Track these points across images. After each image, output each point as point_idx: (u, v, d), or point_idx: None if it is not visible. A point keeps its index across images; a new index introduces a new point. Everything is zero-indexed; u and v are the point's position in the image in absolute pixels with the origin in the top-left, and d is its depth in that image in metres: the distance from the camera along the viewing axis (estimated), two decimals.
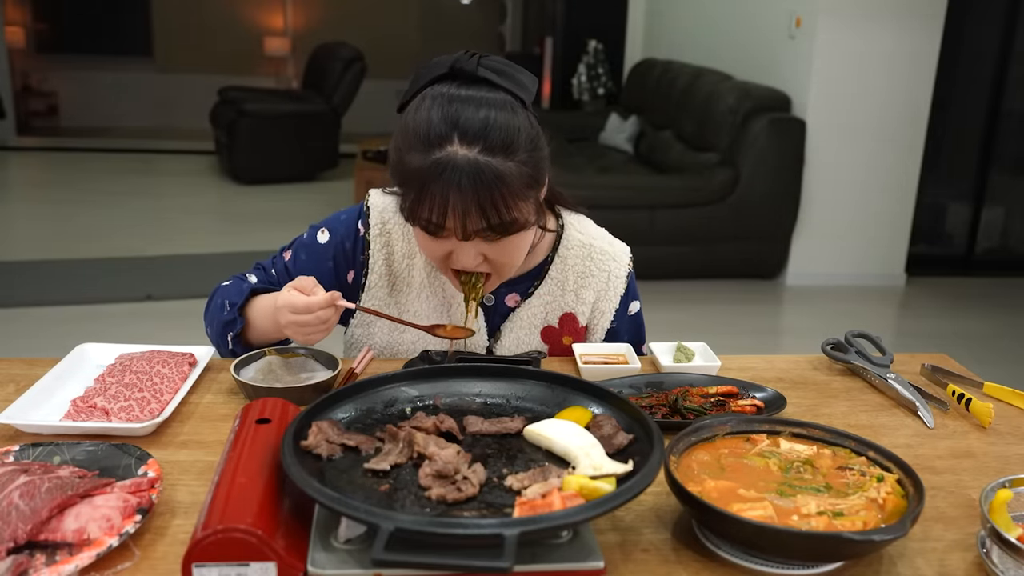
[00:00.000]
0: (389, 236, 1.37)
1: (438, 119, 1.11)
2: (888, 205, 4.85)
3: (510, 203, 1.12)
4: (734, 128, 4.73)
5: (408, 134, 1.14)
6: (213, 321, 1.35)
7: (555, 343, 1.40)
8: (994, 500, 0.88)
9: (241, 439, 0.93)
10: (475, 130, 1.10)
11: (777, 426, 1.01)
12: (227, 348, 1.33)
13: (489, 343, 1.38)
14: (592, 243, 1.40)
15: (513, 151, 1.11)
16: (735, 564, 0.85)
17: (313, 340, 1.20)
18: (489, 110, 1.11)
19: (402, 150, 1.14)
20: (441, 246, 1.19)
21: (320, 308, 1.14)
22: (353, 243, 1.37)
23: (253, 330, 1.32)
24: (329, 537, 0.81)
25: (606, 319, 1.41)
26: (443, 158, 1.09)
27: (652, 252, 4.43)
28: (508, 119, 1.12)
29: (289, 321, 1.16)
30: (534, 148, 1.15)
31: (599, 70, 7.56)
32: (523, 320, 1.38)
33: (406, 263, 1.37)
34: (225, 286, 1.37)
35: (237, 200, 6.66)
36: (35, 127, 9.01)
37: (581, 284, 1.39)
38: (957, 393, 1.26)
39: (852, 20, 4.54)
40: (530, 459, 0.93)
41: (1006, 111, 5.15)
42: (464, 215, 1.11)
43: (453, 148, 1.10)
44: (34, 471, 0.88)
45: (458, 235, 1.15)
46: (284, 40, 9.43)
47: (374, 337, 1.40)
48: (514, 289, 1.37)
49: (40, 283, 4.48)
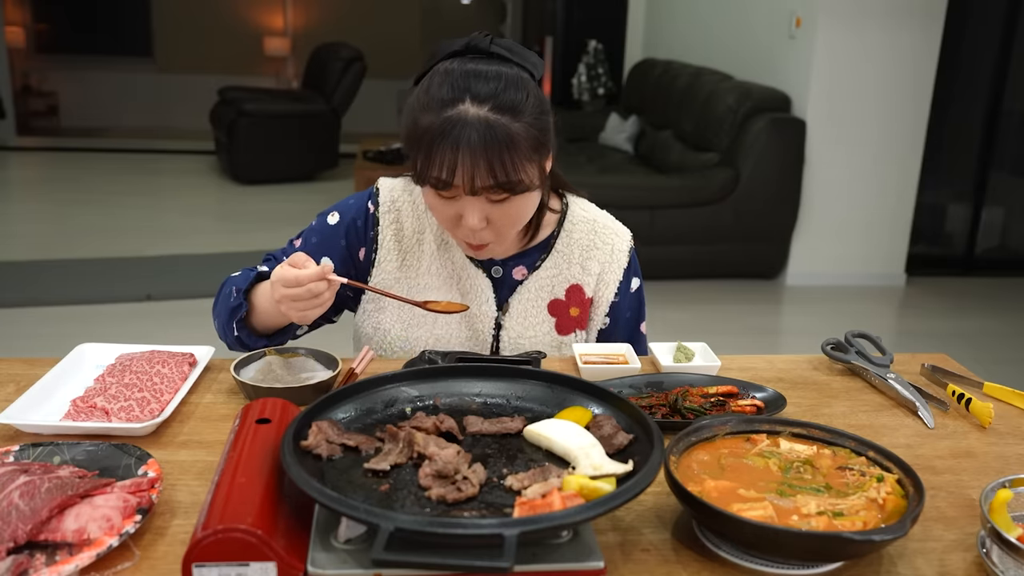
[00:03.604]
0: (398, 213, 1.41)
1: (451, 83, 1.18)
2: (888, 205, 4.85)
3: (517, 162, 1.17)
4: (734, 128, 4.73)
5: (421, 100, 1.20)
6: (221, 310, 1.36)
7: (562, 315, 1.43)
8: (994, 500, 0.88)
9: (241, 439, 0.93)
10: (486, 92, 1.17)
11: (777, 426, 1.01)
12: (233, 335, 1.34)
13: (498, 315, 1.40)
14: (596, 219, 1.46)
15: (521, 113, 1.18)
16: (735, 564, 0.85)
17: (308, 317, 1.20)
18: (500, 78, 1.19)
19: (415, 114, 1.20)
20: (449, 207, 1.23)
21: (310, 280, 1.15)
22: (364, 221, 1.41)
23: (257, 313, 1.33)
24: (329, 537, 0.81)
25: (610, 291, 1.44)
26: (454, 115, 1.16)
27: (652, 252, 4.43)
28: (517, 86, 1.19)
29: (282, 295, 1.17)
30: (541, 113, 1.22)
31: (599, 70, 7.57)
32: (530, 292, 1.41)
33: (416, 238, 1.41)
34: (234, 276, 1.38)
35: (237, 200, 6.66)
36: (35, 127, 9.02)
37: (587, 256, 1.43)
38: (957, 393, 1.26)
39: (852, 20, 4.54)
40: (530, 459, 0.93)
41: (1006, 111, 5.15)
42: (473, 168, 1.16)
43: (464, 107, 1.16)
44: (34, 471, 0.88)
45: (466, 190, 1.19)
46: (284, 40, 9.44)
47: (387, 331, 1.40)
48: (521, 262, 1.41)
49: (40, 283, 4.48)
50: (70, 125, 9.21)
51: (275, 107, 7.13)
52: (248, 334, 1.34)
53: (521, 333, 1.40)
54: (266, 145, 7.00)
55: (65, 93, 9.29)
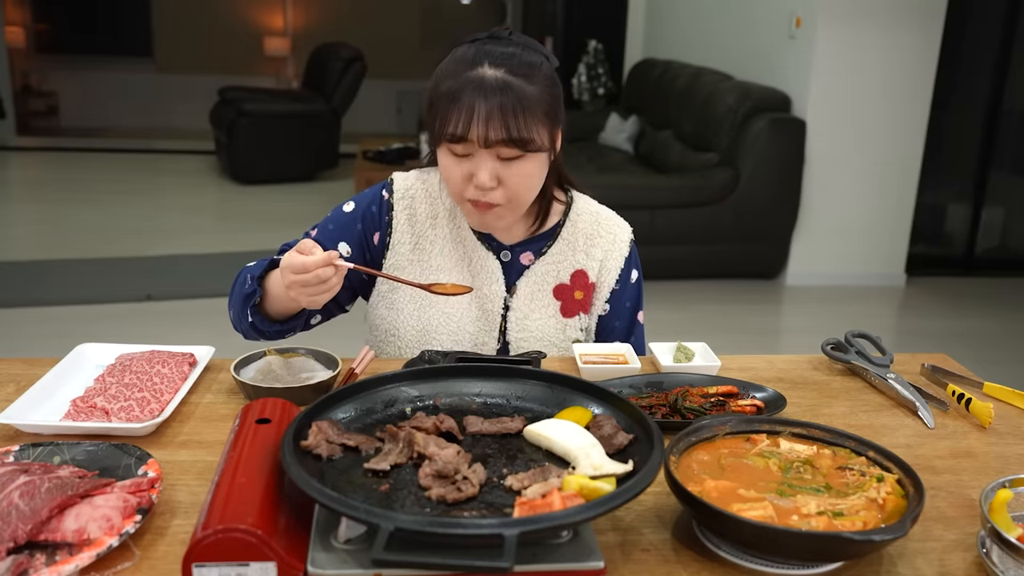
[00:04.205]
0: (412, 200, 1.46)
1: (471, 53, 1.29)
2: (888, 205, 4.85)
3: (530, 120, 1.26)
4: (734, 128, 4.73)
5: (442, 70, 1.31)
6: (236, 299, 1.39)
7: (567, 298, 1.48)
8: (994, 500, 0.88)
9: (241, 439, 0.93)
10: (503, 56, 1.28)
11: (777, 426, 1.01)
12: (248, 321, 1.37)
13: (506, 297, 1.45)
14: (599, 212, 1.53)
15: (535, 78, 1.29)
16: (735, 564, 0.85)
17: (318, 302, 1.23)
18: (517, 48, 1.31)
19: (436, 82, 1.31)
20: (463, 166, 1.29)
21: (317, 266, 1.18)
22: (379, 207, 1.46)
23: (270, 299, 1.36)
24: (329, 537, 0.81)
25: (612, 277, 1.49)
26: (473, 75, 1.27)
27: (652, 252, 4.41)
28: (532, 59, 1.30)
29: (291, 281, 1.20)
30: (553, 85, 1.32)
31: (599, 70, 7.57)
32: (537, 275, 1.46)
33: (429, 223, 1.46)
34: (249, 266, 1.41)
35: (237, 200, 6.66)
36: (35, 127, 9.01)
37: (590, 244, 1.49)
38: (957, 393, 1.26)
39: (852, 20, 4.54)
40: (530, 459, 0.93)
41: (1006, 111, 5.15)
42: (488, 120, 1.24)
43: (483, 69, 1.27)
44: (34, 471, 0.88)
45: (480, 142, 1.26)
46: (284, 40, 9.43)
47: (400, 310, 1.44)
48: (529, 248, 1.47)
49: (40, 283, 4.48)
50: (70, 125, 9.21)
51: (275, 107, 7.13)
52: (262, 319, 1.37)
53: (527, 314, 1.45)
54: (266, 145, 6.99)
55: (65, 93, 9.29)
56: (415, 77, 8.33)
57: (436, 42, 9.24)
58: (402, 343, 1.44)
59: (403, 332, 1.44)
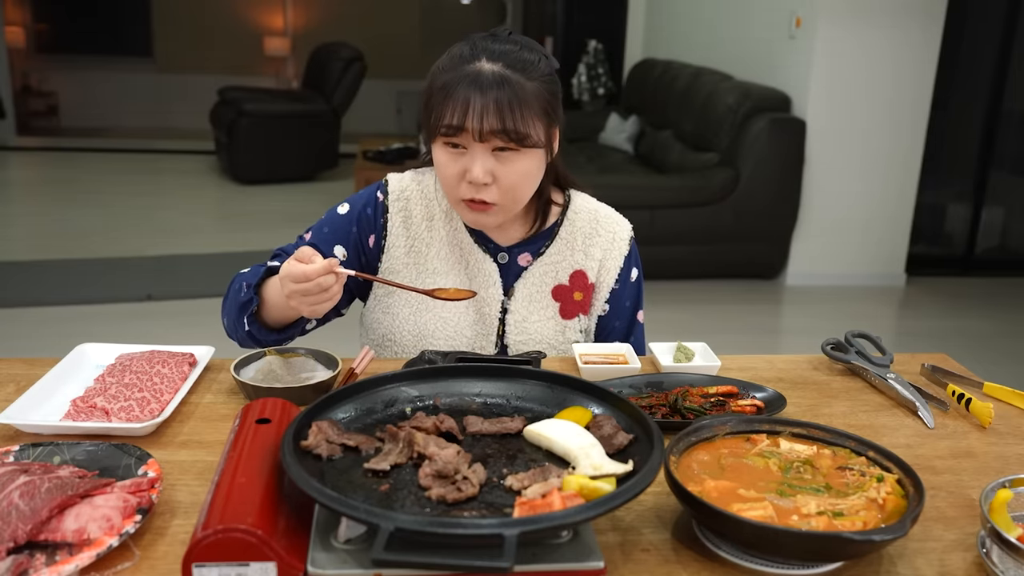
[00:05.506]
0: (407, 201, 1.45)
1: (469, 47, 1.29)
2: (888, 205, 4.84)
3: (526, 115, 1.25)
4: (734, 128, 4.73)
5: (440, 64, 1.31)
6: (230, 307, 1.36)
7: (566, 300, 1.46)
8: (994, 500, 0.88)
9: (241, 439, 0.93)
10: (500, 53, 1.28)
11: (777, 426, 1.01)
12: (244, 331, 1.34)
13: (504, 299, 1.43)
14: (598, 209, 1.51)
15: (532, 73, 1.28)
16: (735, 564, 0.85)
17: (319, 311, 1.22)
18: (515, 46, 1.30)
19: (433, 77, 1.30)
20: (457, 161, 1.28)
21: (318, 275, 1.16)
22: (374, 209, 1.45)
23: (268, 308, 1.33)
24: (329, 537, 0.81)
25: (611, 276, 1.48)
26: (470, 69, 1.26)
27: (652, 252, 4.40)
28: (530, 57, 1.30)
29: (292, 291, 1.18)
30: (551, 83, 1.32)
31: (599, 70, 7.57)
32: (535, 277, 1.45)
33: (425, 225, 1.44)
34: (243, 273, 1.40)
35: (237, 200, 6.65)
36: (35, 127, 9.01)
37: (589, 243, 1.47)
38: (957, 393, 1.26)
39: (852, 20, 4.54)
40: (530, 459, 0.93)
41: (1006, 111, 5.15)
42: (483, 112, 1.23)
43: (480, 63, 1.27)
44: (34, 471, 0.88)
45: (475, 135, 1.24)
46: (284, 40, 9.43)
47: (396, 314, 1.42)
48: (527, 249, 1.45)
49: (40, 283, 4.48)
50: (70, 125, 9.20)
51: (275, 107, 7.13)
52: (259, 328, 1.34)
53: (526, 317, 1.43)
54: (266, 145, 6.99)
55: (65, 93, 9.28)
56: (415, 77, 8.33)
57: (436, 42, 9.24)
58: (398, 348, 1.43)
59: (399, 337, 1.42)
